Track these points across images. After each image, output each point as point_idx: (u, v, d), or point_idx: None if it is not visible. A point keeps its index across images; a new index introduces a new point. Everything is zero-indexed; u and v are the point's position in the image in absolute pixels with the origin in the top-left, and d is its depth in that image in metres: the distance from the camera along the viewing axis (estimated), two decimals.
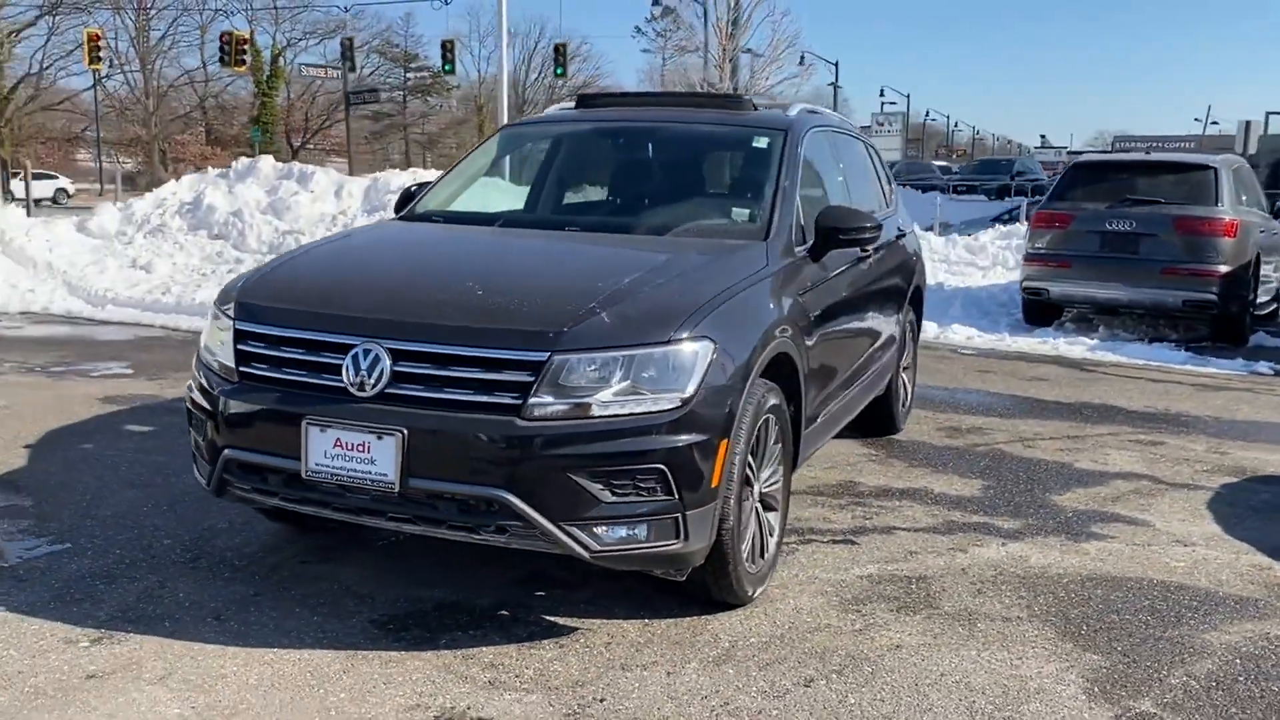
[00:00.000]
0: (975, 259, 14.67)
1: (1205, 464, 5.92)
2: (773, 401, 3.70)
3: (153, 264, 11.47)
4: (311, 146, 60.36)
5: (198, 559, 4.06)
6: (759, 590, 3.79)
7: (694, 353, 3.27)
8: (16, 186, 19.16)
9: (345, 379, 3.27)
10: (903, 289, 5.92)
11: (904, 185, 28.45)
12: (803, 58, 45.46)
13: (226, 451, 3.49)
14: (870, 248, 5.01)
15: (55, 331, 9.50)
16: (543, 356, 3.15)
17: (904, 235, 6.09)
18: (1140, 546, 4.55)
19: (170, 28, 55.10)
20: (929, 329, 10.43)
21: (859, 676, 3.27)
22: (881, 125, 39.18)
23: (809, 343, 4.10)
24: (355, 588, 3.82)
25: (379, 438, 3.19)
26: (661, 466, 3.18)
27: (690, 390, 3.24)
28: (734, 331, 3.46)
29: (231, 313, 3.60)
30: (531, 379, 3.15)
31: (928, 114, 68.94)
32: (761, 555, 3.82)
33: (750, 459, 3.62)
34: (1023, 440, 6.32)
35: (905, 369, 6.43)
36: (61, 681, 3.09)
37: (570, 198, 4.85)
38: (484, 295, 3.39)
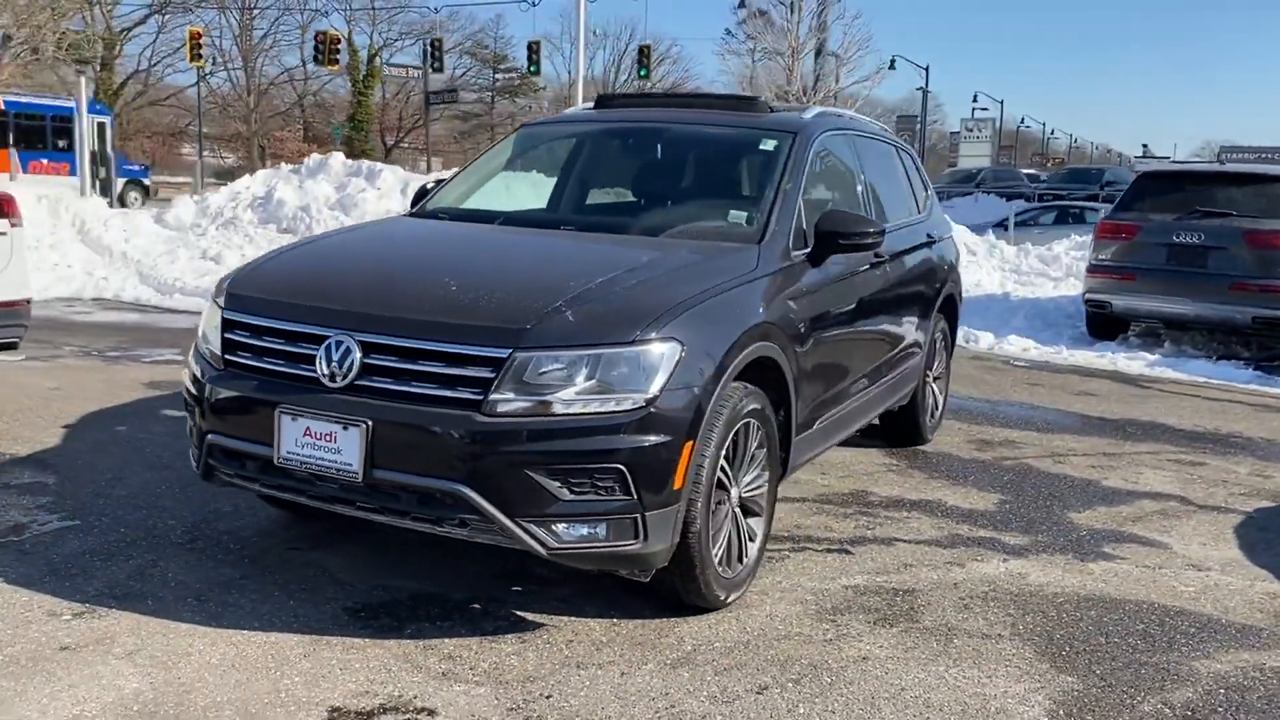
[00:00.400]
0: (1048, 269, 14.34)
1: (1244, 487, 5.70)
2: (753, 406, 3.67)
3: (222, 255, 11.83)
4: (405, 145, 61.49)
5: (195, 541, 4.18)
6: (734, 595, 3.75)
7: (658, 354, 3.26)
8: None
9: (318, 370, 3.34)
10: (929, 296, 5.81)
11: (988, 192, 27.91)
12: (893, 62, 44.94)
13: (210, 436, 3.60)
14: (885, 253, 4.95)
15: (122, 318, 9.86)
16: (504, 353, 3.18)
17: (934, 242, 5.97)
18: (1150, 569, 4.40)
19: (272, 27, 56.69)
20: (984, 339, 10.26)
21: (815, 687, 3.22)
22: (970, 131, 38.45)
23: (802, 348, 4.05)
24: (338, 575, 3.90)
25: (345, 428, 3.25)
26: (620, 467, 3.18)
27: (653, 391, 3.23)
28: (706, 333, 3.44)
29: (222, 302, 3.71)
30: (493, 375, 3.18)
31: (1022, 120, 67.49)
32: (739, 560, 3.79)
33: (726, 463, 3.60)
34: (1054, 456, 6.15)
35: (936, 379, 6.32)
36: (35, 652, 3.21)
37: (574, 197, 4.87)
38: (457, 291, 3.43)
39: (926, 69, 45.42)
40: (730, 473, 3.67)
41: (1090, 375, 8.93)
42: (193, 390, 3.70)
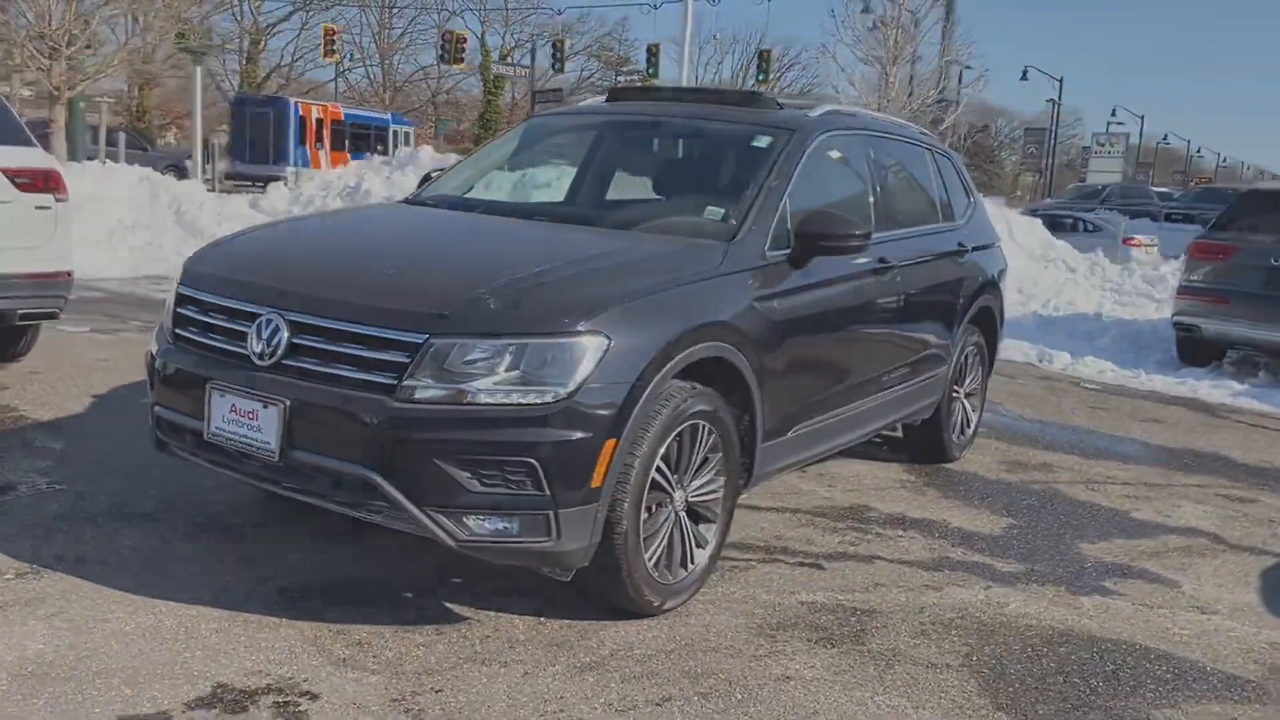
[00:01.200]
0: (1152, 290, 13.64)
1: None
2: (701, 407, 3.53)
3: None
4: None
5: (166, 512, 4.24)
6: (673, 602, 3.62)
7: (580, 347, 3.16)
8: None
9: (249, 347, 3.36)
10: (955, 307, 5.55)
11: (1111, 209, 26.75)
12: (1025, 72, 43.62)
13: (156, 408, 3.66)
14: (892, 259, 4.74)
15: None
16: (420, 338, 3.12)
17: (967, 251, 5.69)
18: (1147, 608, 4.09)
19: (409, 25, 58.30)
20: (1059, 359, 9.83)
21: (723, 703, 3.08)
22: (1102, 146, 36.92)
23: (773, 351, 3.90)
24: (290, 554, 3.90)
25: (265, 406, 3.25)
26: (531, 461, 3.09)
27: (572, 385, 3.13)
28: (641, 329, 3.32)
29: (178, 277, 3.77)
30: (408, 360, 3.13)
31: (1164, 137, 64.51)
32: (683, 566, 3.66)
33: (666, 465, 3.48)
34: (1089, 482, 5.81)
35: (968, 395, 6.03)
36: None
37: (562, 188, 4.81)
38: (391, 275, 3.40)
39: (1060, 81, 43.88)
40: (672, 475, 3.54)
41: (1164, 402, 8.43)
42: (147, 363, 3.77)
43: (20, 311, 5.91)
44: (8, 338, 6.26)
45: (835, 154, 4.68)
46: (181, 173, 18.71)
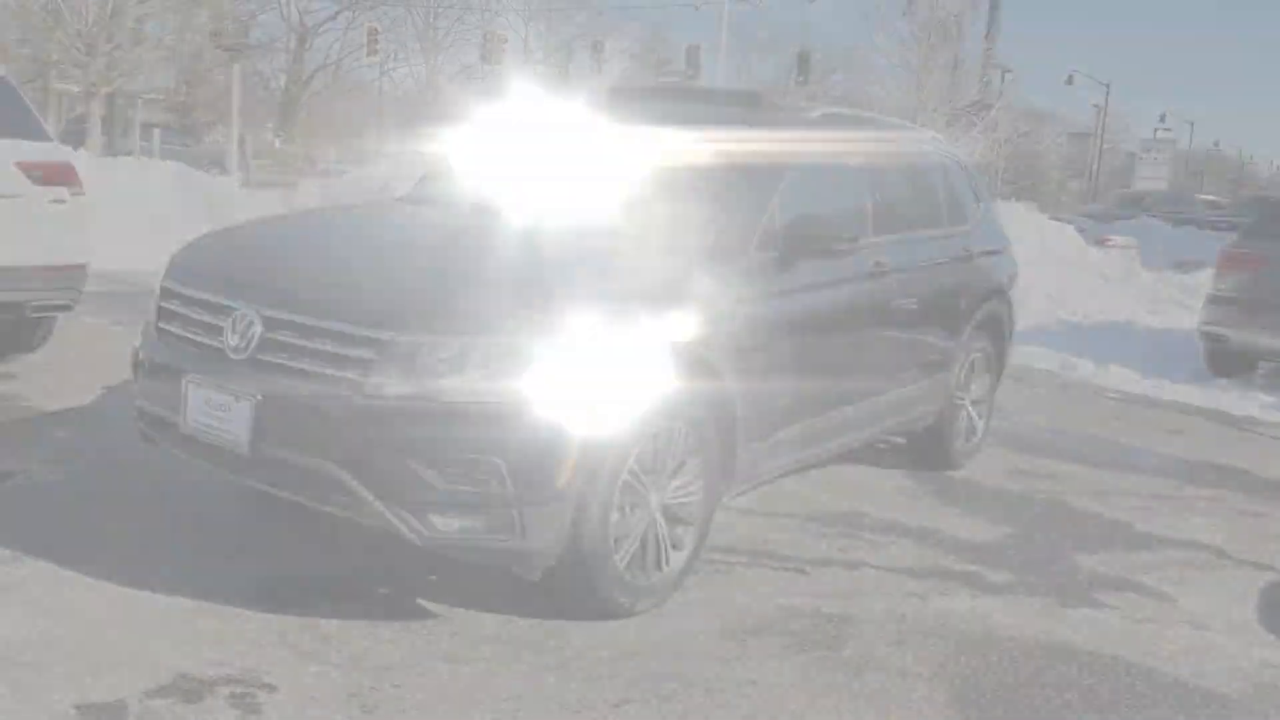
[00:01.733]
0: (1186, 299, 13.40)
1: None
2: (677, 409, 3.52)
3: None
4: None
5: (164, 503, 4.28)
6: (646, 604, 3.60)
7: (547, 346, 3.15)
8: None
9: (224, 341, 3.39)
10: (959, 312, 5.47)
11: (1154, 217, 26.32)
12: (1070, 77, 43.10)
13: (138, 402, 3.71)
14: (888, 264, 4.69)
15: None
16: (386, 335, 3.14)
17: (972, 256, 5.62)
18: (1137, 622, 4.01)
19: (454, 24, 58.63)
20: (1082, 368, 9.66)
21: (682, 706, 3.06)
22: (1148, 153, 36.35)
23: (756, 354, 3.86)
24: (269, 547, 3.93)
25: (237, 400, 3.28)
26: (497, 459, 3.10)
27: (539, 384, 3.13)
28: (615, 329, 3.31)
29: (162, 271, 3.82)
30: (375, 356, 3.14)
31: (1216, 144, 63.37)
32: (657, 568, 3.64)
33: (639, 466, 3.47)
34: (1096, 494, 5.70)
35: (975, 402, 5.95)
36: None
37: (555, 188, 4.78)
38: (365, 272, 3.43)
39: (1108, 86, 43.31)
40: (647, 476, 3.52)
41: (1189, 413, 8.26)
42: (131, 356, 3.82)
43: (34, 304, 6.01)
44: (22, 329, 6.37)
45: (831, 157, 4.63)
46: (224, 169, 19.00)
